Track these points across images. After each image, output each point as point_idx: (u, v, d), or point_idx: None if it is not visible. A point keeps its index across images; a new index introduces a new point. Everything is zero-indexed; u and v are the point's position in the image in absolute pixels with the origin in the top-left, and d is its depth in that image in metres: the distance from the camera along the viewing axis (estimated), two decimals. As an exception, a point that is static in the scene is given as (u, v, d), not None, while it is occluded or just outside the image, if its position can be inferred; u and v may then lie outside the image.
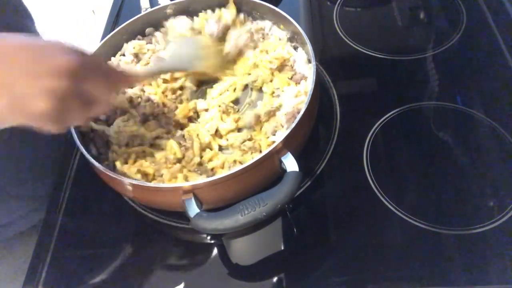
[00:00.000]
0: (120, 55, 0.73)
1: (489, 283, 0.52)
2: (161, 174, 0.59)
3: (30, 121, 0.42)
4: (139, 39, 0.74)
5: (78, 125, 0.46)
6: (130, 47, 0.73)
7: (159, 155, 0.61)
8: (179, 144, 0.62)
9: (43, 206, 0.68)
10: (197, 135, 0.63)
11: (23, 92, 0.39)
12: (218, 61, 0.68)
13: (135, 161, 0.61)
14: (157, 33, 0.75)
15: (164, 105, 0.67)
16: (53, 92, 0.40)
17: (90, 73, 0.44)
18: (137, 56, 0.73)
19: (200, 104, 0.67)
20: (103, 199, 0.66)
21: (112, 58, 0.72)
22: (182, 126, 0.66)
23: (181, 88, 0.70)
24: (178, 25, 0.74)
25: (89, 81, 0.44)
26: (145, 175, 0.60)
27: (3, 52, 0.40)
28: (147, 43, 0.74)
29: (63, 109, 0.42)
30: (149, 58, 0.73)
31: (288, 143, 0.55)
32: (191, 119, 0.67)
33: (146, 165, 0.60)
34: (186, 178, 0.59)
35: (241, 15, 0.74)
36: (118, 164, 0.60)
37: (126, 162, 0.61)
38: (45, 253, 0.61)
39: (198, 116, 0.67)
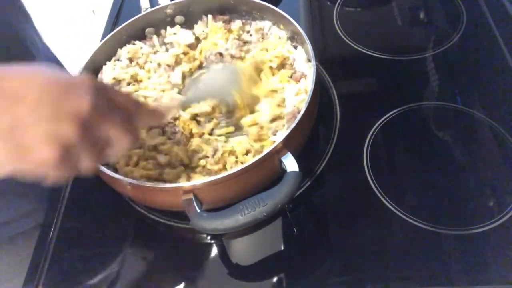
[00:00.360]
0: (115, 60, 0.72)
1: (489, 283, 0.52)
2: (163, 177, 0.59)
3: (31, 169, 0.37)
4: (133, 44, 0.74)
5: (90, 172, 0.41)
6: (124, 52, 0.73)
7: (163, 160, 0.61)
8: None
9: (45, 205, 0.68)
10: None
11: (27, 137, 0.35)
12: (250, 91, 0.63)
13: (136, 164, 0.61)
14: (154, 37, 0.75)
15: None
16: (60, 139, 0.36)
17: (108, 114, 0.40)
18: (131, 61, 0.73)
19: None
20: (103, 199, 0.66)
21: (108, 63, 0.71)
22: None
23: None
24: (181, 38, 0.74)
25: (106, 123, 0.40)
26: (147, 177, 0.59)
27: (6, 89, 0.35)
28: (141, 48, 0.74)
29: (70, 157, 0.37)
30: (145, 63, 0.73)
31: (288, 143, 0.55)
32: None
33: (149, 167, 0.60)
34: (188, 179, 0.59)
35: (238, 22, 0.75)
36: (119, 166, 0.60)
37: (127, 165, 0.61)
38: (45, 253, 0.61)
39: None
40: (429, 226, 0.57)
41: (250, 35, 0.74)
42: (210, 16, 0.75)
